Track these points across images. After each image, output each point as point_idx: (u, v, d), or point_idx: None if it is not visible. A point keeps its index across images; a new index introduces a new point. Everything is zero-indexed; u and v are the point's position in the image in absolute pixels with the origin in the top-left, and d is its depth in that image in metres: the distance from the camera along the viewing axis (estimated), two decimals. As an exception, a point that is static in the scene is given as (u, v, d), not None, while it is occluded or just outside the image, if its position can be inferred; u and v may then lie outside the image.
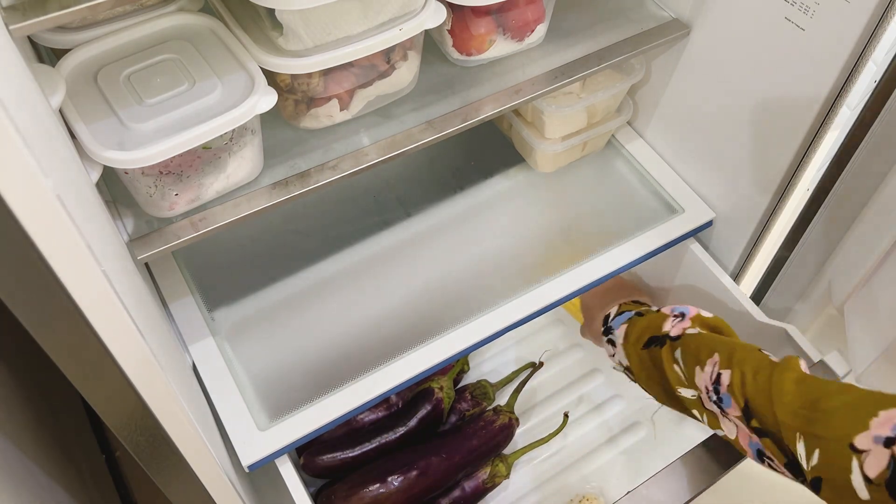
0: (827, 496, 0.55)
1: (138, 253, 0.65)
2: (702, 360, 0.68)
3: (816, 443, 0.55)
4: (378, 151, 0.72)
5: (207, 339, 0.82)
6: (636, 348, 0.77)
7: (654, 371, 0.75)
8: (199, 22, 0.66)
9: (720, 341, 0.69)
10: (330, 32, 0.63)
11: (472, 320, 0.84)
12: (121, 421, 0.48)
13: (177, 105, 0.61)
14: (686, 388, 0.71)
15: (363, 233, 0.93)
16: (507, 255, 0.91)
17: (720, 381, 0.65)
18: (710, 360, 0.67)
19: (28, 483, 0.71)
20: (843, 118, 0.74)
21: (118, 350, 0.43)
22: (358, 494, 0.91)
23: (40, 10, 0.50)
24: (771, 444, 0.61)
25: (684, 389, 0.71)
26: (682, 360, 0.71)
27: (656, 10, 0.86)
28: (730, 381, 0.64)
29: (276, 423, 0.77)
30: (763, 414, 0.61)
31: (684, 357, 0.71)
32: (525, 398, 1.10)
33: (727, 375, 0.64)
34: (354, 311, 0.86)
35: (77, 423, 1.03)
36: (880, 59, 0.67)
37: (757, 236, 0.89)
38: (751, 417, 0.62)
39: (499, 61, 0.79)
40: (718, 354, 0.67)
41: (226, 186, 0.68)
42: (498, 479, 0.99)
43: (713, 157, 0.90)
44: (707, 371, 0.67)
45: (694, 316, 0.75)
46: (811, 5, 0.68)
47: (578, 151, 0.98)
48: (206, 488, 0.60)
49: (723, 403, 0.65)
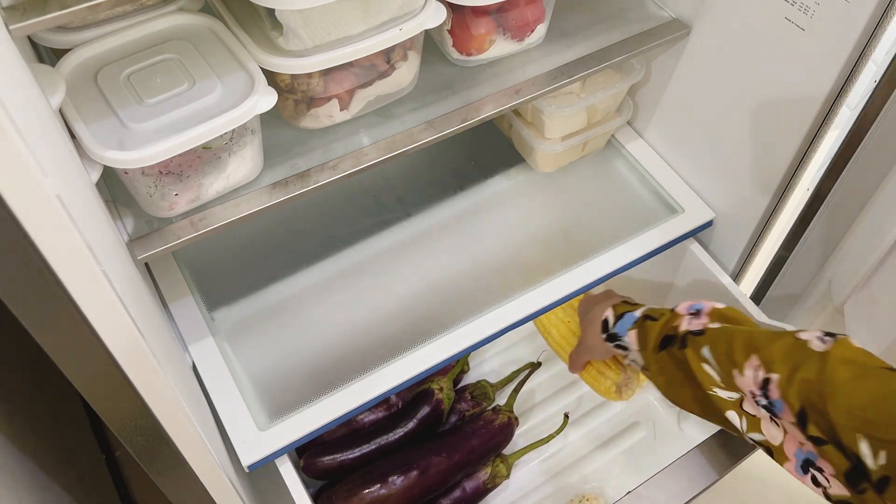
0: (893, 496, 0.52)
1: (138, 253, 0.65)
2: (738, 361, 0.63)
3: (882, 445, 0.53)
4: (378, 151, 0.72)
5: (207, 339, 0.82)
6: (654, 354, 0.73)
7: (679, 373, 0.70)
8: (199, 22, 0.66)
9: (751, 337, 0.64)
10: (330, 32, 0.63)
11: (472, 320, 0.84)
12: (121, 421, 0.48)
13: (177, 105, 0.61)
14: (724, 390, 0.66)
15: (363, 233, 0.93)
16: (507, 255, 0.91)
17: (768, 386, 0.60)
18: (750, 364, 0.62)
19: (28, 483, 0.71)
20: (843, 118, 0.74)
21: (118, 350, 0.43)
22: (358, 495, 0.91)
23: (40, 10, 0.50)
24: (833, 450, 0.56)
25: (721, 391, 0.66)
26: (715, 360, 0.66)
27: (656, 10, 0.86)
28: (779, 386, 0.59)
29: (276, 423, 0.77)
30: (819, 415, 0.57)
31: (716, 356, 0.66)
32: (525, 398, 1.10)
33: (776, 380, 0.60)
34: (354, 311, 0.86)
35: (77, 423, 1.03)
36: (880, 59, 0.67)
37: (757, 236, 0.89)
38: (807, 423, 0.58)
39: (499, 61, 0.79)
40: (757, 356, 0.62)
41: (226, 186, 0.68)
42: (498, 479, 0.99)
43: (713, 157, 0.90)
44: (749, 375, 0.62)
45: (710, 311, 0.71)
46: (811, 5, 0.68)
47: (578, 151, 0.98)
48: (206, 488, 0.60)
49: (775, 409, 0.61)
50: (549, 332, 1.11)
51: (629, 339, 0.76)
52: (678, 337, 0.69)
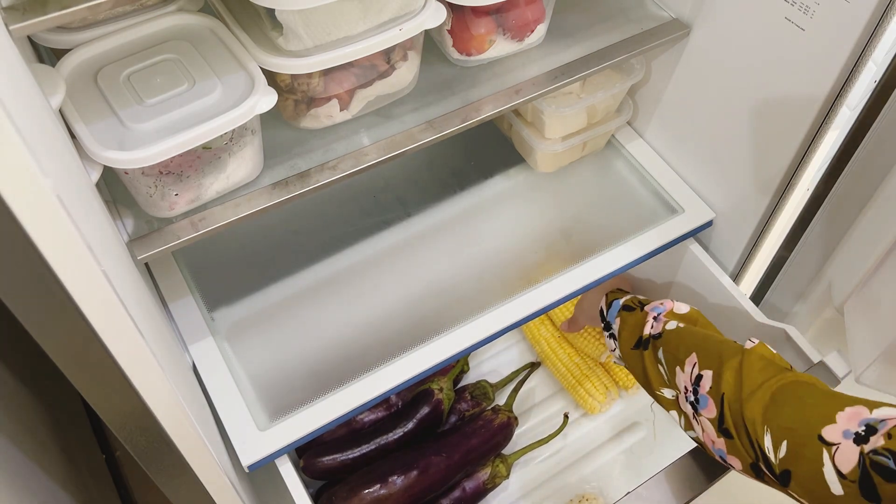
0: (797, 490, 0.54)
1: (138, 253, 0.65)
2: (681, 359, 0.67)
3: (784, 434, 0.55)
4: (378, 151, 0.72)
5: (207, 339, 0.82)
6: (627, 349, 0.77)
7: (641, 374, 0.75)
8: (199, 22, 0.66)
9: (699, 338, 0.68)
10: (330, 32, 0.63)
11: (472, 320, 0.84)
12: (121, 421, 0.48)
13: (177, 105, 0.61)
14: (667, 388, 0.70)
15: (363, 233, 0.93)
16: (507, 255, 0.91)
17: (700, 382, 0.64)
18: (689, 360, 0.66)
19: (28, 483, 0.71)
20: (843, 118, 0.73)
21: (118, 350, 0.42)
22: (359, 495, 0.91)
23: (40, 10, 0.50)
24: (740, 445, 0.60)
25: (666, 390, 0.70)
26: (664, 360, 0.70)
27: (656, 10, 0.86)
28: (711, 383, 0.63)
29: (276, 423, 0.77)
30: (734, 412, 0.60)
31: (666, 357, 0.70)
32: (525, 398, 1.10)
33: (708, 377, 0.64)
34: (354, 311, 0.86)
35: (77, 423, 1.03)
36: (880, 59, 0.67)
37: (757, 236, 0.89)
38: (723, 420, 0.61)
39: (499, 61, 0.79)
40: (697, 354, 0.66)
41: (226, 186, 0.68)
42: (498, 479, 0.99)
43: (713, 157, 0.90)
44: (686, 371, 0.66)
45: (668, 311, 0.75)
46: (811, 5, 0.68)
47: (578, 151, 0.98)
48: (206, 488, 0.60)
49: (699, 405, 0.64)
50: (538, 341, 1.12)
51: (616, 327, 0.80)
52: (644, 339, 0.74)
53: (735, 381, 0.61)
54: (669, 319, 0.73)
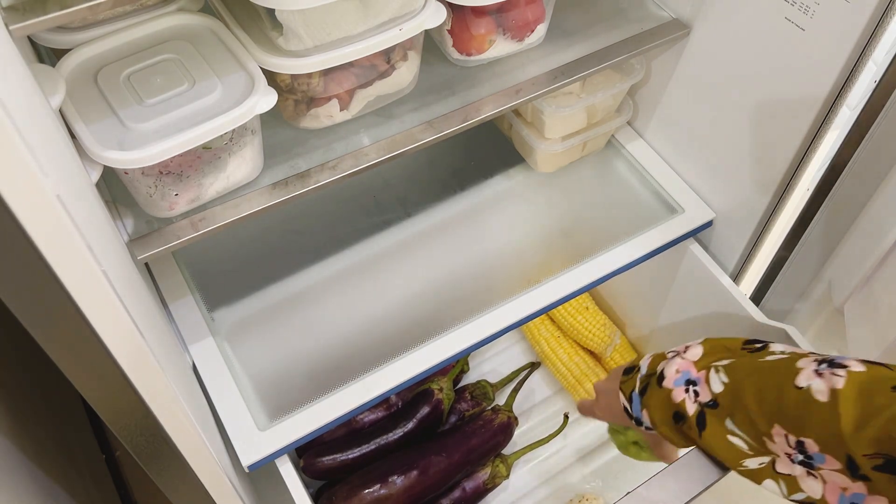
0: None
1: (138, 253, 0.65)
2: (764, 431, 0.59)
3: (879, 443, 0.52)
4: (378, 151, 0.72)
5: (207, 339, 0.82)
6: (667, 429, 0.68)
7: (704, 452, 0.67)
8: (199, 22, 0.66)
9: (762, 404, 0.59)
10: (330, 32, 0.63)
11: (472, 320, 0.84)
12: (121, 421, 0.48)
13: (177, 105, 0.61)
14: (753, 458, 0.62)
15: (363, 233, 0.93)
16: (507, 255, 0.91)
17: (804, 446, 0.57)
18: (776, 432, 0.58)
19: (28, 483, 0.71)
20: (843, 118, 0.73)
21: (118, 350, 0.42)
22: (358, 495, 0.91)
23: (40, 10, 0.50)
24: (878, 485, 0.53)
25: (750, 460, 0.62)
26: (740, 430, 0.61)
27: (656, 10, 0.86)
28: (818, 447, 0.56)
29: (276, 423, 0.77)
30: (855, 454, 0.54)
31: (739, 426, 0.61)
32: (525, 398, 1.10)
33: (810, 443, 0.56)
34: (354, 311, 0.86)
35: (77, 423, 1.03)
36: (880, 59, 0.67)
37: (757, 236, 0.89)
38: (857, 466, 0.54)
39: (499, 61, 0.79)
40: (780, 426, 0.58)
41: (226, 186, 0.68)
42: (498, 479, 0.99)
43: (713, 157, 0.90)
44: (779, 442, 0.59)
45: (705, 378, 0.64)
46: (811, 5, 0.68)
47: (578, 151, 0.98)
48: (206, 488, 0.60)
49: (814, 461, 0.57)
50: (538, 341, 1.12)
51: (646, 419, 0.70)
52: (687, 419, 0.65)
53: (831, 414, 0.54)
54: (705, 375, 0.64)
